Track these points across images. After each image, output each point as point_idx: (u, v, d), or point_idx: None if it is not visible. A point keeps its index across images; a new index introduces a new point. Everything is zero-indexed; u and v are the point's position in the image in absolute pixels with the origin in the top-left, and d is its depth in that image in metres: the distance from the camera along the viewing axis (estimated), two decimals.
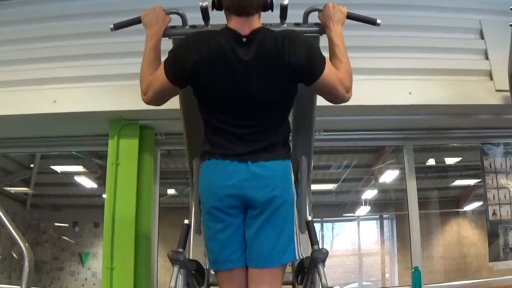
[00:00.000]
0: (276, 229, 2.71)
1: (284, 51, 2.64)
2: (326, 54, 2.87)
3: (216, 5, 2.82)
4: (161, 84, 2.78)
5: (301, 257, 2.90)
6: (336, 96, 2.83)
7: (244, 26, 2.69)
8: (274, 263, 2.74)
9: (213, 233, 2.76)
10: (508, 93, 4.53)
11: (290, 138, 3.01)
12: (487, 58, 4.95)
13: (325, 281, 2.86)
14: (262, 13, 2.79)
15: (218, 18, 3.10)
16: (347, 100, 2.86)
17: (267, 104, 2.75)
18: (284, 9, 3.02)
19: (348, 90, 2.84)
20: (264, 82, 2.67)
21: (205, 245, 2.87)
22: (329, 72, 2.74)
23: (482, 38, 5.04)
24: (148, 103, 2.90)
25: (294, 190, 2.86)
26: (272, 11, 2.84)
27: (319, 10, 3.09)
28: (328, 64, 2.76)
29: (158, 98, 2.87)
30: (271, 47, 2.65)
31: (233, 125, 2.75)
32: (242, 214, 2.74)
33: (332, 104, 2.94)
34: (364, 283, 12.53)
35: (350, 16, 3.11)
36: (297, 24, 3.14)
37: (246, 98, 2.70)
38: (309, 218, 3.40)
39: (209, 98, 2.77)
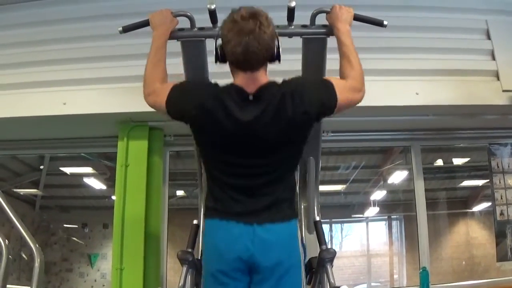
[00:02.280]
0: None
1: (295, 106, 2.62)
2: (333, 55, 2.89)
3: (220, 59, 2.77)
4: (160, 105, 2.82)
5: None
6: (352, 104, 2.84)
7: (249, 82, 2.66)
8: None
9: None
10: None
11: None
12: (493, 58, 4.95)
13: (333, 281, 2.88)
14: (272, 16, 2.77)
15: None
16: (361, 99, 2.87)
17: (272, 158, 2.72)
18: (291, 11, 3.03)
19: (361, 89, 2.85)
20: (271, 138, 2.66)
21: None
22: (341, 94, 2.74)
23: (489, 38, 5.04)
24: (149, 105, 2.94)
25: (301, 249, 2.84)
26: (279, 62, 2.77)
27: (327, 12, 3.10)
28: (337, 86, 2.75)
29: (156, 108, 2.91)
30: (280, 103, 2.62)
31: (236, 176, 2.73)
32: (247, 277, 2.71)
33: None
34: (372, 284, 12.50)
35: (357, 18, 3.13)
36: (304, 26, 3.15)
37: (249, 155, 2.69)
38: (317, 218, 3.42)
39: (210, 149, 2.78)
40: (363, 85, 2.87)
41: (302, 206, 3.98)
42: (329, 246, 3.15)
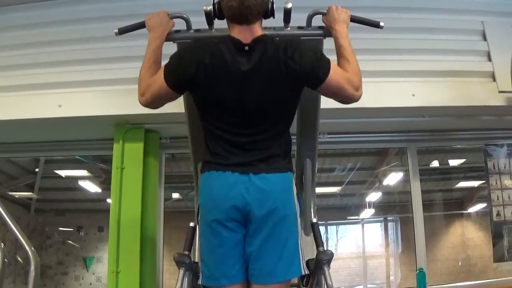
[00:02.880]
0: (279, 244, 2.69)
1: (287, 59, 2.64)
2: (331, 56, 2.88)
3: (217, 14, 2.85)
4: (159, 88, 2.79)
5: (306, 272, 2.89)
6: (345, 96, 2.81)
7: (245, 34, 2.70)
8: (279, 279, 2.71)
9: (212, 247, 2.73)
10: (511, 95, 4.54)
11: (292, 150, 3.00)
12: (489, 59, 4.96)
13: (330, 283, 2.86)
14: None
15: (222, 22, 3.12)
16: (357, 98, 2.84)
17: (268, 113, 2.74)
18: (287, 13, 3.02)
19: (358, 88, 2.81)
20: (266, 90, 2.68)
21: (200, 259, 2.85)
22: (335, 74, 2.73)
23: (485, 39, 5.04)
24: (144, 105, 2.91)
25: (297, 202, 2.84)
26: (273, 18, 2.83)
27: (323, 14, 3.09)
28: (333, 66, 2.75)
29: (155, 101, 2.89)
30: (274, 55, 2.65)
31: (233, 133, 2.74)
32: (242, 229, 2.71)
33: (336, 107, 2.96)
34: (368, 285, 12.52)
35: (353, 19, 3.12)
36: (300, 28, 3.14)
37: (246, 107, 2.69)
38: (314, 220, 3.39)
39: (209, 106, 2.77)
40: (361, 85, 2.85)
41: None
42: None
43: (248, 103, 2.69)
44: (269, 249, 2.68)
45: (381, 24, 3.19)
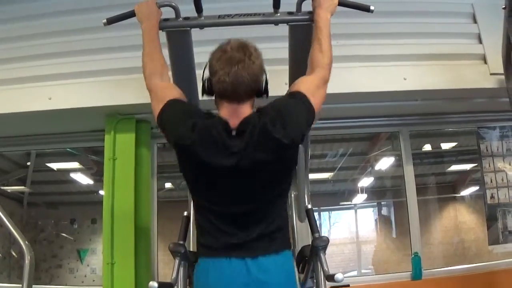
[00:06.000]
0: None
1: (277, 134, 2.54)
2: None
3: (207, 90, 2.75)
4: (154, 110, 2.88)
5: None
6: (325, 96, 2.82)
7: (233, 115, 2.59)
8: None
9: None
10: (503, 77, 4.54)
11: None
12: (480, 42, 4.97)
13: (326, 269, 2.84)
14: (257, 4, 2.74)
15: (211, 10, 3.10)
16: (328, 75, 2.86)
17: (262, 186, 2.64)
18: None
19: (328, 79, 2.84)
20: (258, 166, 2.57)
21: None
22: (315, 98, 2.71)
23: (475, 22, 5.05)
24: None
25: (298, 283, 2.82)
26: (267, 97, 2.76)
27: None
28: (308, 92, 2.71)
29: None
30: (262, 134, 2.54)
31: (226, 205, 2.65)
32: None
33: (328, 92, 2.93)
34: (363, 270, 12.53)
35: (343, 3, 3.10)
36: (290, 13, 3.13)
37: (239, 182, 2.60)
38: (309, 206, 3.38)
39: (199, 180, 2.70)
40: (329, 63, 2.86)
41: (293, 195, 3.96)
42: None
43: (241, 178, 2.60)
44: None
45: (372, 8, 3.16)
